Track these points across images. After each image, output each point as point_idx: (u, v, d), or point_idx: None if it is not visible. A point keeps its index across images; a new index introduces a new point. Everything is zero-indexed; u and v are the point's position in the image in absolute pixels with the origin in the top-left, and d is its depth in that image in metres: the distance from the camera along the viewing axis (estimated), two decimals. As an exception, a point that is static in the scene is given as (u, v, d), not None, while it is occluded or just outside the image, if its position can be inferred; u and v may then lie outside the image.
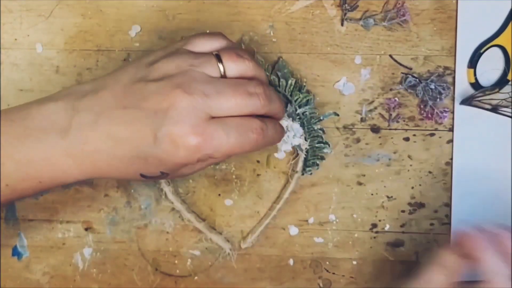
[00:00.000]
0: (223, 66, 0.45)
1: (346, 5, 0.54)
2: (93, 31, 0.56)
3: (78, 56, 0.56)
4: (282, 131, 0.50)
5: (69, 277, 0.58)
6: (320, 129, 0.55)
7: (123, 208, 0.58)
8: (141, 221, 0.58)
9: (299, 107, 0.54)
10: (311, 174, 0.56)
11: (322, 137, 0.55)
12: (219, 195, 0.57)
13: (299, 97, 0.54)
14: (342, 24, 0.55)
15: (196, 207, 0.57)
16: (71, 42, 0.56)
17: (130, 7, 0.55)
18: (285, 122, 0.53)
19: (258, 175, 0.57)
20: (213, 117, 0.44)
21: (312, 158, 0.55)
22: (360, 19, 0.55)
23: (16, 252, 0.58)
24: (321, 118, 0.55)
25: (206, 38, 0.47)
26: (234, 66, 0.46)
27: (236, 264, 0.58)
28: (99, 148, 0.44)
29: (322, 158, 0.55)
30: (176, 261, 0.58)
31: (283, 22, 0.55)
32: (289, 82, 0.54)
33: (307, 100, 0.54)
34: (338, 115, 0.56)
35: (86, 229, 0.58)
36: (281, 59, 0.55)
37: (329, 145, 0.55)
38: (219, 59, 0.46)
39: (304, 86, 0.55)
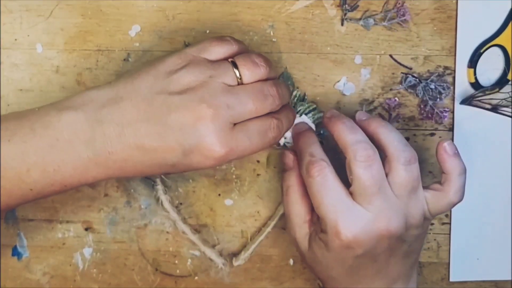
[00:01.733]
0: (239, 73, 0.47)
1: (346, 5, 0.54)
2: (93, 31, 0.56)
3: (78, 56, 0.56)
4: (294, 115, 0.52)
5: (69, 277, 0.58)
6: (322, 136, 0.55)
7: (123, 208, 0.58)
8: (141, 221, 0.58)
9: (304, 114, 0.55)
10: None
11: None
12: (219, 195, 0.57)
13: (303, 107, 0.55)
14: (342, 24, 0.55)
15: (196, 207, 0.57)
16: (71, 42, 0.56)
17: (130, 7, 0.55)
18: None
19: (258, 175, 0.57)
20: (235, 124, 0.46)
21: None
22: (360, 19, 0.55)
23: (16, 252, 0.58)
24: (321, 131, 0.55)
25: (219, 44, 0.48)
26: (250, 73, 0.47)
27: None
28: (126, 158, 0.46)
29: None
30: (176, 261, 0.58)
31: (283, 22, 0.55)
32: (294, 93, 0.55)
33: (310, 110, 0.55)
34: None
35: (86, 229, 0.58)
36: (285, 71, 0.55)
37: None
38: (235, 66, 0.47)
39: (305, 97, 0.55)
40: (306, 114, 0.55)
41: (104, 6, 0.55)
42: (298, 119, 0.54)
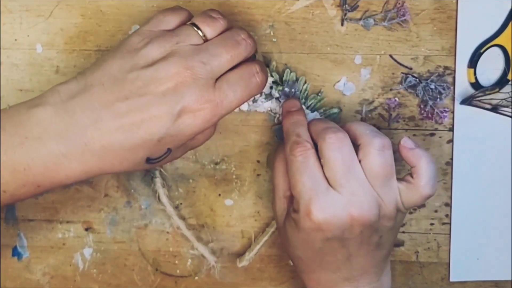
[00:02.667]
0: (202, 32, 0.48)
1: (346, 5, 0.54)
2: (93, 31, 0.56)
3: (78, 56, 0.56)
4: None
5: (69, 277, 0.58)
6: None
7: (123, 208, 0.58)
8: (141, 221, 0.58)
9: (312, 111, 0.55)
10: None
11: None
12: (219, 195, 0.57)
13: (314, 100, 0.55)
14: (342, 24, 0.55)
15: (196, 207, 0.57)
16: (71, 42, 0.56)
17: (130, 7, 0.55)
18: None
19: (258, 175, 0.57)
20: (217, 79, 0.47)
21: None
22: (360, 19, 0.55)
23: (16, 253, 0.58)
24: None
25: (172, 13, 0.49)
26: (211, 29, 0.48)
27: (236, 264, 0.58)
28: (105, 145, 0.45)
29: None
30: (176, 261, 0.58)
31: (283, 22, 0.55)
32: (304, 87, 0.55)
33: (319, 103, 0.55)
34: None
35: (86, 229, 0.58)
36: (287, 70, 0.55)
37: None
38: (196, 27, 0.48)
39: (321, 91, 0.55)
40: (317, 110, 0.55)
41: (104, 6, 0.55)
42: (309, 115, 0.55)
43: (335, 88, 0.55)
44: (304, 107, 0.54)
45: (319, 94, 0.55)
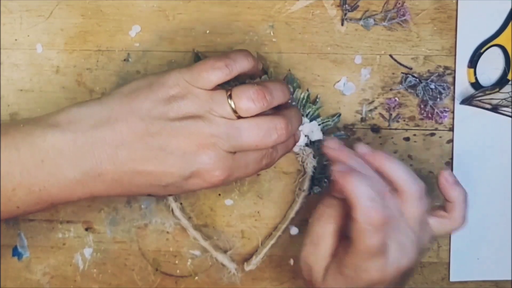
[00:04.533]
0: (234, 106, 0.46)
1: (346, 5, 0.54)
2: (93, 31, 0.56)
3: (78, 56, 0.56)
4: (293, 144, 0.52)
5: (69, 277, 0.58)
6: None
7: (123, 208, 0.58)
8: (141, 221, 0.58)
9: (310, 120, 0.54)
10: (319, 192, 0.55)
11: None
12: (219, 195, 0.57)
13: (312, 109, 0.54)
14: (342, 24, 0.55)
15: (196, 207, 0.57)
16: (71, 42, 0.56)
17: (130, 7, 0.55)
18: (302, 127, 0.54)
19: (258, 175, 0.57)
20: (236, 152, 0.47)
21: (320, 175, 0.55)
22: (360, 19, 0.55)
23: (16, 252, 0.58)
24: (332, 136, 0.55)
25: (210, 72, 0.46)
26: (246, 109, 0.46)
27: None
28: (117, 179, 0.46)
29: (326, 175, 0.54)
30: (176, 261, 0.58)
31: (283, 22, 0.55)
32: (302, 95, 0.54)
33: (319, 113, 0.55)
34: (349, 137, 0.55)
35: (86, 229, 0.58)
36: (289, 73, 0.54)
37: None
38: (231, 97, 0.46)
39: (318, 98, 0.55)
40: (311, 120, 0.54)
41: (104, 6, 0.55)
42: (306, 125, 0.54)
43: (335, 88, 0.55)
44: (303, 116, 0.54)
45: (317, 101, 0.55)
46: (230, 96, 0.46)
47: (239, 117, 0.46)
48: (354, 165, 0.47)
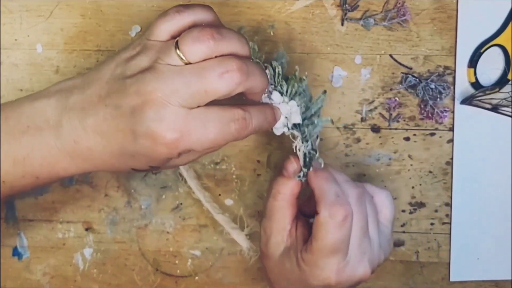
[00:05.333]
0: (182, 53, 0.43)
1: (346, 5, 0.54)
2: (93, 31, 0.56)
3: (78, 56, 0.56)
4: (272, 116, 0.48)
5: (69, 277, 0.58)
6: (317, 135, 0.50)
7: (124, 208, 0.58)
8: (141, 221, 0.58)
9: (290, 99, 0.49)
10: (302, 179, 0.50)
11: (315, 144, 0.50)
12: (219, 195, 0.57)
13: (292, 87, 0.49)
14: (342, 24, 0.55)
15: (196, 207, 0.57)
16: (71, 42, 0.56)
17: (130, 7, 0.55)
18: (285, 105, 0.49)
19: (258, 175, 0.57)
20: (193, 108, 0.43)
21: (307, 164, 0.50)
22: (360, 19, 0.55)
23: (16, 253, 0.58)
24: (315, 121, 0.49)
25: (161, 22, 0.45)
26: (192, 52, 0.43)
27: (237, 264, 0.58)
28: (90, 145, 0.45)
29: (310, 165, 0.50)
30: (176, 261, 0.58)
31: (283, 22, 0.55)
32: (277, 70, 0.48)
33: (296, 90, 0.49)
34: (333, 122, 0.55)
35: (86, 229, 0.58)
36: (281, 48, 0.52)
37: (316, 153, 0.49)
38: (177, 46, 0.43)
39: (303, 79, 0.49)
40: (292, 99, 0.49)
41: (104, 6, 0.55)
42: (283, 105, 0.48)
43: (333, 86, 0.55)
44: (283, 95, 0.49)
45: (303, 78, 0.49)
46: (176, 45, 0.43)
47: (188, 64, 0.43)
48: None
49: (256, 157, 0.57)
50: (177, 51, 0.43)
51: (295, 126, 0.49)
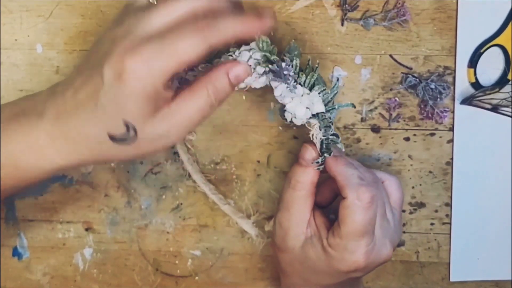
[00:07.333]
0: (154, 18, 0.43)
1: (346, 5, 0.54)
2: (93, 31, 0.56)
3: (78, 56, 0.56)
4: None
5: (69, 277, 0.58)
6: (331, 120, 0.50)
7: (124, 208, 0.58)
8: (141, 221, 0.58)
9: (310, 89, 0.49)
10: (320, 167, 0.50)
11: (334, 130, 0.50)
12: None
13: (306, 77, 0.49)
14: (342, 24, 0.55)
15: (196, 207, 0.57)
16: (71, 42, 0.56)
17: (130, 7, 0.55)
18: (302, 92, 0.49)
19: (258, 175, 0.57)
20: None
21: (325, 150, 0.50)
22: (360, 19, 0.55)
23: (16, 253, 0.58)
24: (336, 107, 0.50)
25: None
26: (163, 16, 0.43)
27: (237, 264, 0.58)
28: (69, 121, 0.44)
29: (330, 152, 0.50)
30: (176, 261, 0.58)
31: (283, 22, 0.55)
32: (294, 62, 0.49)
33: (315, 81, 0.49)
34: (355, 106, 0.54)
35: (86, 229, 0.58)
36: (293, 42, 0.50)
37: (339, 140, 0.50)
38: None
39: (316, 67, 0.49)
40: (311, 90, 0.49)
41: (104, 6, 0.55)
42: (305, 97, 0.49)
43: (329, 79, 0.55)
44: (300, 85, 0.49)
45: (316, 66, 0.50)
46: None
47: None
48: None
49: (256, 157, 0.57)
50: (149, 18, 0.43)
51: (314, 114, 0.50)
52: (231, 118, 0.56)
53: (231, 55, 0.48)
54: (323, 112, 0.49)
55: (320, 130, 0.50)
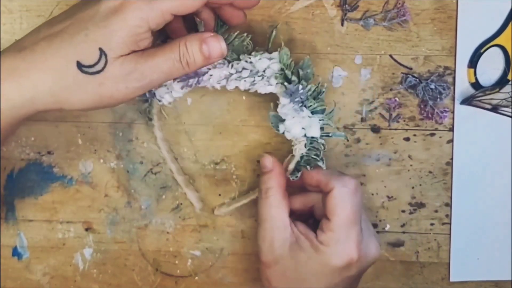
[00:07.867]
0: None
1: (346, 5, 0.54)
2: (93, 31, 0.55)
3: (78, 56, 0.56)
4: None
5: (69, 277, 0.58)
6: (323, 144, 0.51)
7: (123, 208, 0.58)
8: (141, 221, 0.58)
9: (312, 113, 0.51)
10: (296, 178, 0.52)
11: (320, 152, 0.52)
12: (219, 195, 0.57)
13: (314, 104, 0.51)
14: (342, 24, 0.55)
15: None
16: (71, 42, 0.56)
17: (130, 7, 0.55)
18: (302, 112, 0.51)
19: (258, 175, 0.57)
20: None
21: (304, 164, 0.52)
22: (360, 19, 0.55)
23: (16, 253, 0.58)
24: (330, 135, 0.52)
25: None
26: None
27: (237, 264, 0.58)
28: (55, 45, 0.45)
29: (310, 166, 0.52)
30: (176, 261, 0.58)
31: (283, 22, 0.55)
32: (308, 87, 0.50)
33: (322, 110, 0.51)
34: (348, 140, 0.56)
35: (86, 230, 0.58)
36: (307, 58, 0.51)
37: (323, 161, 0.51)
38: None
39: (323, 92, 0.51)
40: (313, 114, 0.51)
41: (104, 6, 0.55)
42: (306, 119, 0.51)
43: (334, 87, 0.55)
44: (305, 108, 0.51)
45: (320, 96, 0.51)
46: None
47: None
48: None
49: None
50: None
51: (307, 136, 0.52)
52: (231, 118, 0.56)
53: (250, 58, 0.50)
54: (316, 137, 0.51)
55: (305, 147, 0.51)
